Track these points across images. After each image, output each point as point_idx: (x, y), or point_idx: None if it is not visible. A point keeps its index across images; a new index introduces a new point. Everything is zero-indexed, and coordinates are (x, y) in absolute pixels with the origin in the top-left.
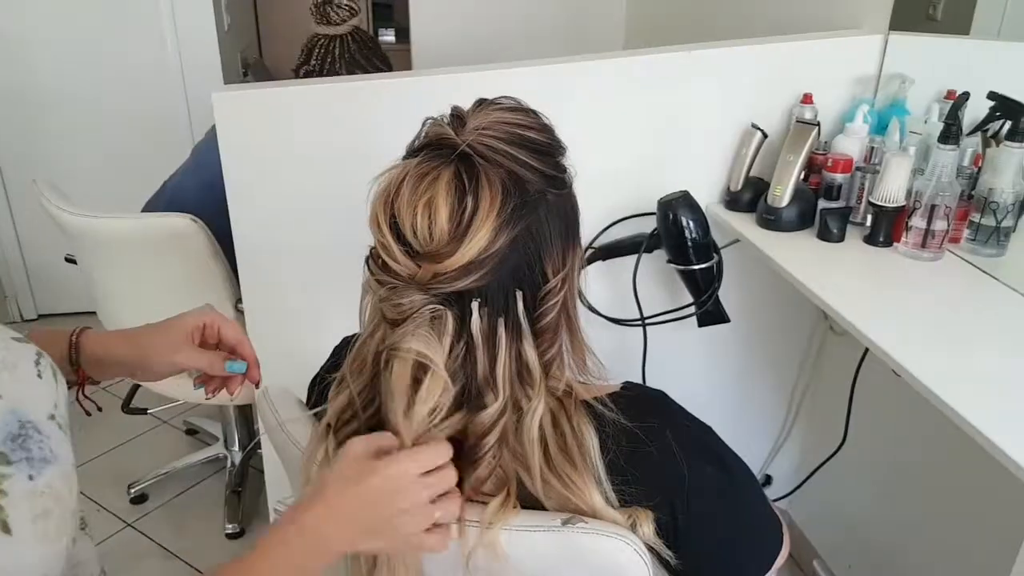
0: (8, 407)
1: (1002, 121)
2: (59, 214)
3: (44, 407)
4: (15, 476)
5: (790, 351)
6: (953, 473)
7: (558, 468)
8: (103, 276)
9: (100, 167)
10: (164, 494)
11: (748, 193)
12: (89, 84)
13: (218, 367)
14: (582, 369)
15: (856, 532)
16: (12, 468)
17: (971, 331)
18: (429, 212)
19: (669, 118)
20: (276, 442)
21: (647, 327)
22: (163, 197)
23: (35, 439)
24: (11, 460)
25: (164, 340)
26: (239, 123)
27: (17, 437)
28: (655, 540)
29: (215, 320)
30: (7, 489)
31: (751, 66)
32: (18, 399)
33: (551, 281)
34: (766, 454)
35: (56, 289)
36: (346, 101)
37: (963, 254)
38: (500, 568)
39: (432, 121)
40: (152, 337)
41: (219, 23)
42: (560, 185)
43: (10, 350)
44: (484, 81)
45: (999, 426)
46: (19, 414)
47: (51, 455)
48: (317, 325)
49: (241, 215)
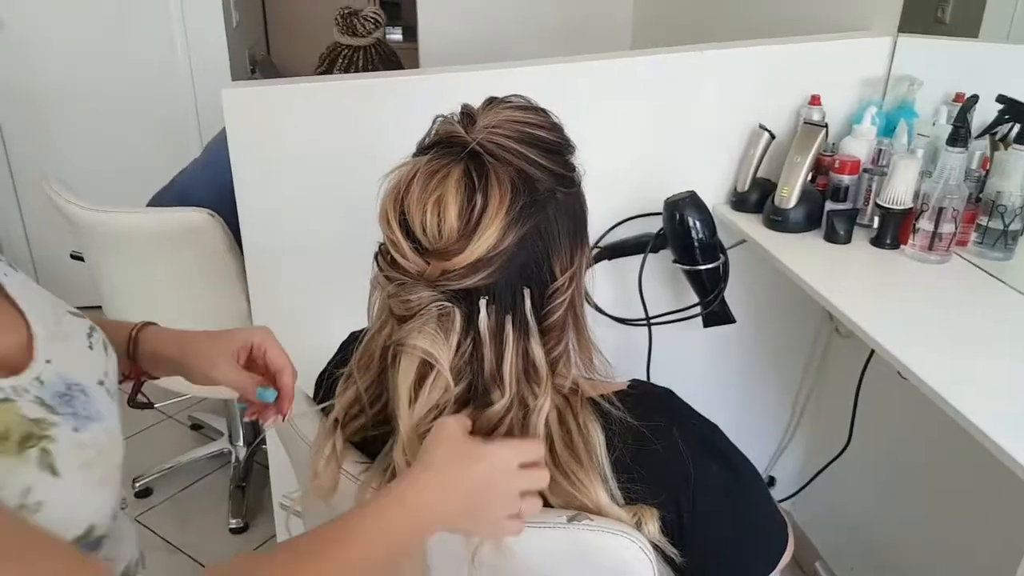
0: (56, 371)
1: (1011, 124)
2: (71, 209)
3: (93, 374)
4: (60, 426)
5: (795, 352)
6: (957, 475)
7: (564, 465)
8: (112, 271)
9: (108, 163)
10: (169, 488)
11: (755, 194)
12: (97, 81)
13: (250, 391)
14: (588, 367)
15: (859, 534)
16: (58, 418)
17: (977, 334)
18: (439, 209)
19: (676, 118)
20: (283, 436)
21: (652, 327)
22: (172, 193)
23: (80, 399)
24: (58, 412)
25: (208, 350)
26: (248, 120)
27: (63, 395)
28: (660, 538)
29: (265, 341)
30: (54, 436)
31: (759, 67)
32: (68, 365)
33: (559, 279)
34: (770, 455)
35: (63, 284)
36: (354, 99)
37: (970, 257)
38: (505, 564)
39: (443, 119)
40: (199, 344)
41: (227, 20)
42: (569, 184)
43: (64, 323)
44: (491, 80)
45: (1004, 429)
46: (66, 377)
47: (96, 414)
48: (324, 321)
49: (249, 212)
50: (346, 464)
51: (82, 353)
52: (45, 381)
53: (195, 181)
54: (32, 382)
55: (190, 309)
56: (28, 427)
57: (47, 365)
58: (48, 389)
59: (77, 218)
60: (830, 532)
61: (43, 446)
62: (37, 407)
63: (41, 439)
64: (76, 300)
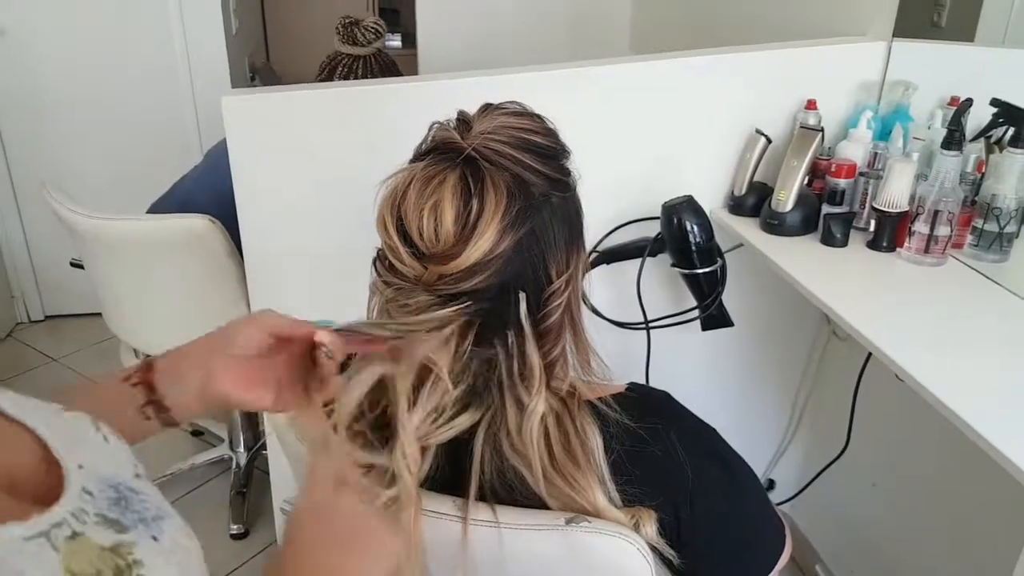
0: (95, 475)
1: (1005, 127)
2: (72, 216)
3: (126, 468)
4: (140, 542)
5: (793, 355)
6: (956, 478)
7: (562, 468)
8: (113, 279)
9: (108, 171)
10: (169, 495)
11: (752, 198)
12: (97, 88)
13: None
14: (586, 370)
15: (859, 536)
16: (133, 535)
17: (974, 336)
18: (435, 215)
19: (674, 123)
20: (283, 440)
21: (651, 330)
22: (173, 200)
23: (135, 500)
24: (127, 526)
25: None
26: (249, 127)
27: (119, 501)
28: (658, 540)
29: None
30: (140, 558)
31: (756, 71)
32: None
33: (555, 282)
34: (769, 458)
35: (63, 291)
36: (354, 105)
37: (966, 259)
38: (504, 565)
39: (439, 125)
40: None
41: (227, 27)
42: (564, 188)
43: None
44: (489, 86)
45: (1002, 431)
46: (108, 479)
47: (160, 511)
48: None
49: (249, 218)
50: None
51: (103, 448)
52: (93, 492)
53: (196, 188)
54: (81, 497)
55: (191, 315)
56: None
57: (82, 472)
58: (101, 500)
59: (78, 226)
60: (830, 535)
61: (137, 573)
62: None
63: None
64: (76, 307)
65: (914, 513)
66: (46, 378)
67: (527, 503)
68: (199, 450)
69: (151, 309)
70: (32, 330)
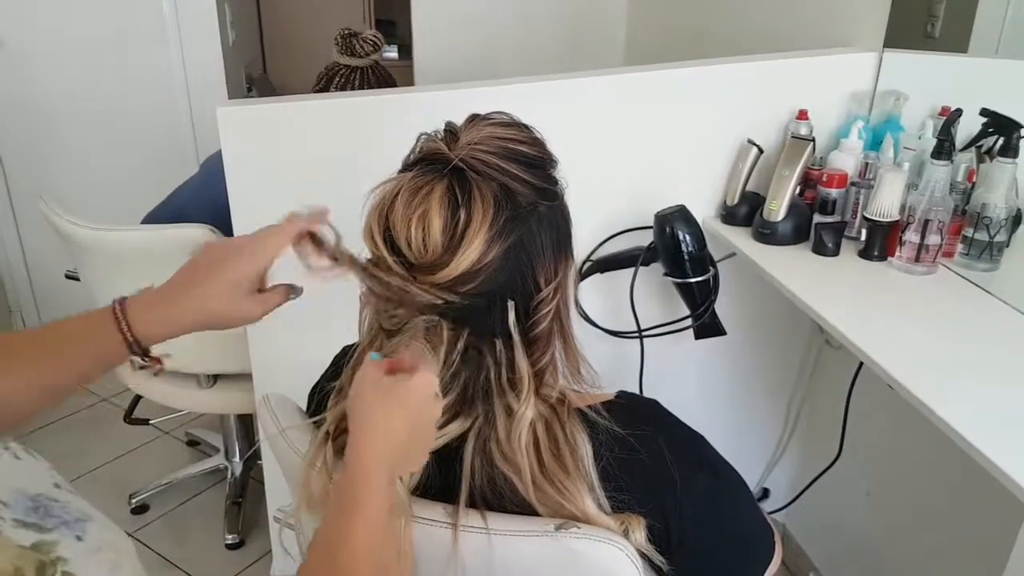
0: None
1: (995, 137)
2: (70, 228)
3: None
4: (62, 542)
5: (786, 364)
6: (948, 486)
7: (551, 475)
8: (111, 290)
9: (105, 181)
10: (165, 505)
11: (744, 207)
12: (94, 99)
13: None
14: (576, 377)
15: (852, 544)
16: (55, 535)
17: (965, 344)
18: (423, 225)
19: (667, 133)
20: (276, 449)
21: (644, 339)
22: (168, 211)
23: (55, 507)
24: (48, 528)
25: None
26: (244, 138)
27: (37, 509)
28: (647, 546)
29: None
30: (64, 555)
31: (748, 82)
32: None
33: (543, 291)
34: (763, 467)
35: (60, 302)
36: (350, 116)
37: (957, 268)
38: (494, 572)
39: (426, 136)
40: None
41: (224, 38)
42: (551, 197)
43: None
44: (484, 97)
45: (992, 439)
46: (22, 492)
47: (83, 514)
48: (317, 335)
49: (245, 229)
50: (337, 475)
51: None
52: (8, 503)
53: (190, 199)
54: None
55: None
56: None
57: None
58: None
59: (74, 236)
60: (824, 543)
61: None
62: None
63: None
64: None
65: (907, 522)
66: None
67: (517, 510)
68: (194, 460)
69: None
70: None
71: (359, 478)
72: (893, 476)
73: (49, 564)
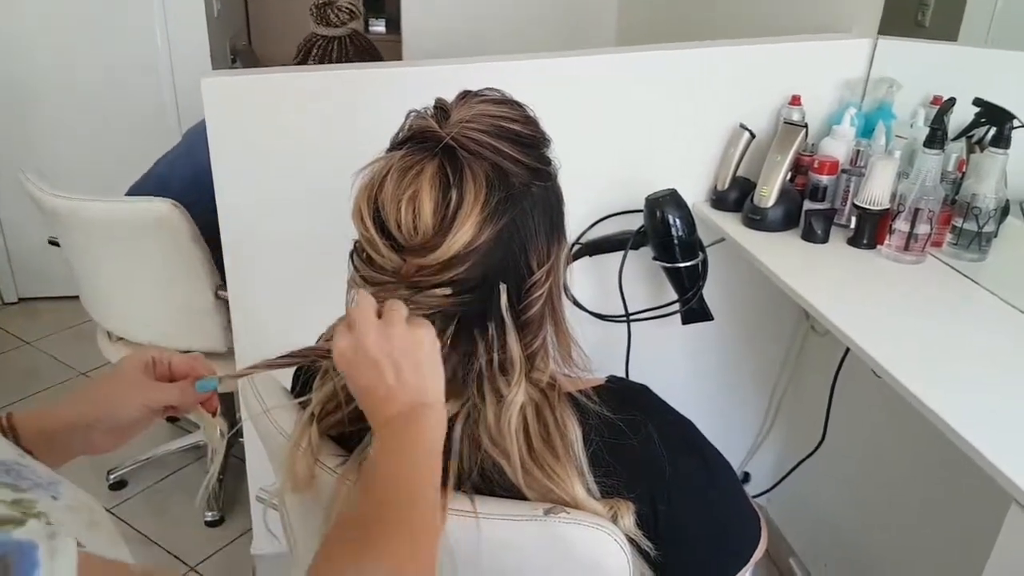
0: None
1: (987, 127)
2: (44, 197)
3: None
4: (40, 500)
5: (772, 349)
6: (930, 473)
7: (540, 459)
8: (86, 260)
9: (87, 153)
10: (144, 481)
11: (735, 193)
12: (76, 70)
13: (190, 394)
14: (567, 361)
15: (833, 530)
16: (31, 493)
17: (951, 333)
18: (413, 206)
19: (658, 116)
20: (260, 429)
21: (632, 323)
22: (150, 182)
23: (26, 471)
24: (22, 487)
25: (123, 385)
26: (228, 109)
27: (9, 471)
28: (635, 532)
29: (162, 354)
30: (43, 510)
31: (741, 67)
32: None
33: (536, 274)
34: (746, 451)
35: (37, 273)
36: (337, 89)
37: (945, 258)
38: (482, 556)
39: (416, 114)
40: (107, 386)
41: (208, 9)
42: (545, 177)
43: None
44: (474, 73)
45: (976, 428)
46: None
47: (52, 478)
48: (303, 313)
49: (228, 202)
50: (322, 457)
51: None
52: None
53: (172, 170)
54: None
55: (160, 300)
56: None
57: None
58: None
59: (49, 204)
60: (804, 528)
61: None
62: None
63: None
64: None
65: (889, 507)
66: (20, 361)
67: (506, 495)
68: (174, 436)
69: (121, 292)
70: (6, 312)
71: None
72: (876, 463)
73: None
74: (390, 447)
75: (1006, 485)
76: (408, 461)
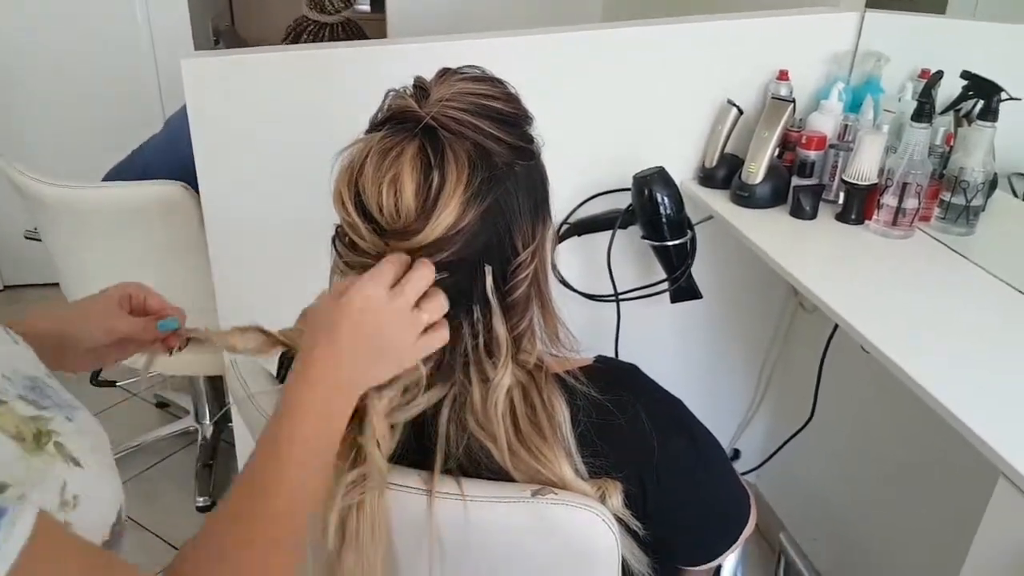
0: (10, 366)
1: (975, 101)
2: (35, 186)
3: (38, 368)
4: (56, 419)
5: (761, 326)
6: (918, 448)
7: (528, 441)
8: (78, 248)
9: (67, 136)
10: (134, 467)
11: (723, 170)
12: (55, 51)
13: (151, 331)
14: (554, 342)
15: (822, 505)
16: (50, 413)
17: (939, 308)
18: (395, 189)
19: (645, 93)
20: (246, 414)
21: (620, 303)
22: (133, 168)
23: (49, 390)
24: (44, 406)
25: (96, 308)
26: (209, 91)
27: (35, 388)
28: (624, 511)
29: (139, 290)
30: (57, 429)
31: (728, 41)
32: (12, 361)
33: (521, 254)
34: (735, 428)
35: (21, 261)
36: (320, 69)
37: (933, 232)
38: (469, 539)
39: (394, 93)
40: (82, 307)
41: None
42: (528, 156)
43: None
44: (458, 51)
45: (965, 402)
46: (22, 371)
47: (72, 403)
48: (288, 297)
49: (211, 185)
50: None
51: (15, 349)
52: (11, 377)
53: (156, 157)
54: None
55: (160, 285)
56: (33, 424)
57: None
58: (19, 385)
59: (38, 193)
60: (794, 504)
61: (56, 440)
62: (26, 405)
63: (50, 434)
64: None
65: (878, 482)
66: None
67: (494, 477)
68: (165, 422)
69: (118, 279)
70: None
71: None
72: (865, 438)
73: (45, 434)
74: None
75: (994, 459)
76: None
